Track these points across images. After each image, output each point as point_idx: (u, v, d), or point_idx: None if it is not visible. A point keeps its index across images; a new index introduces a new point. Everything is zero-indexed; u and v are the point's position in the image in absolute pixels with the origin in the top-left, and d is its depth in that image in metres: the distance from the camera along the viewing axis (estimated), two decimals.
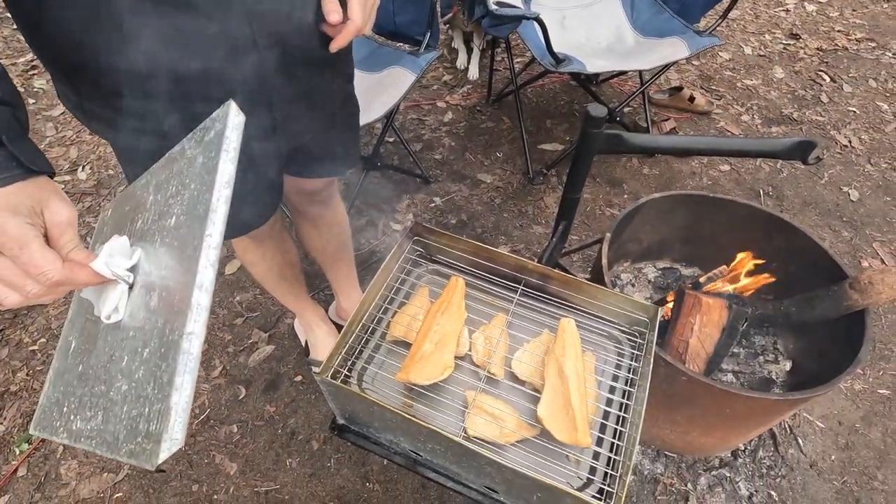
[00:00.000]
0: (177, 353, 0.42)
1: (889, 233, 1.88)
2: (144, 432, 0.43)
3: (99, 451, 0.48)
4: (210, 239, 0.44)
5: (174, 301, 0.45)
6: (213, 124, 0.49)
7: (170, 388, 0.42)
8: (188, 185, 0.49)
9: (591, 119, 0.93)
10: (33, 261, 0.45)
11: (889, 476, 1.31)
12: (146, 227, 0.53)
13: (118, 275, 0.51)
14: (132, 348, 0.49)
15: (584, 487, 0.70)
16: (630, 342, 0.85)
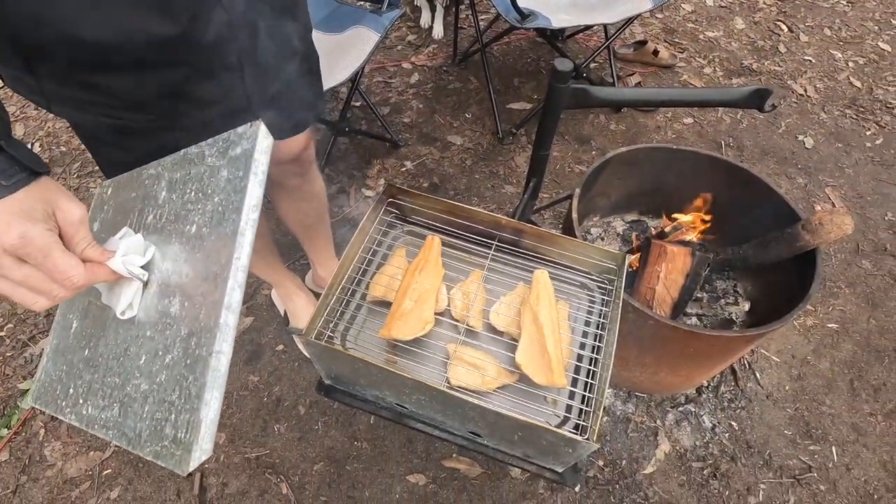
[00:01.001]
0: (206, 368, 0.45)
1: (840, 178, 1.98)
2: (172, 437, 0.46)
3: (117, 442, 0.51)
4: (238, 262, 0.47)
5: (199, 315, 0.48)
6: (240, 140, 0.50)
7: (199, 401, 0.45)
8: (210, 196, 0.51)
9: (558, 73, 0.94)
10: (58, 268, 0.46)
11: (835, 401, 1.44)
12: (159, 224, 0.55)
13: (134, 273, 0.52)
14: (151, 349, 0.51)
15: (562, 424, 0.75)
16: (600, 290, 0.89)
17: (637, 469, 1.31)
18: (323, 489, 1.27)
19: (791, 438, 1.37)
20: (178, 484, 1.27)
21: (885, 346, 1.54)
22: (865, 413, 1.42)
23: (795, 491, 1.29)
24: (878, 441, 1.37)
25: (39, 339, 1.50)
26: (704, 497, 1.27)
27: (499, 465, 1.30)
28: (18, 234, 0.44)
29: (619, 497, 1.26)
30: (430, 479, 1.28)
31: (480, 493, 1.26)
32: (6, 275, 0.45)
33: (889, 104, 2.26)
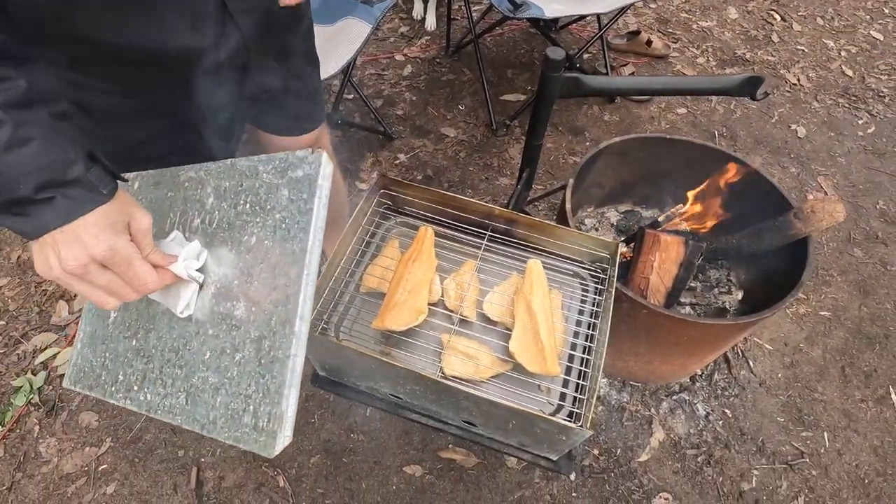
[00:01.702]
0: (283, 369, 0.51)
1: (832, 167, 1.99)
2: (252, 425, 0.52)
3: (188, 426, 0.57)
4: (308, 277, 0.52)
5: (270, 321, 0.53)
6: (301, 164, 0.55)
7: (279, 396, 0.51)
8: (269, 211, 0.56)
9: (551, 62, 0.93)
10: (138, 276, 0.51)
11: (827, 388, 1.45)
12: (209, 229, 0.60)
13: (192, 276, 0.58)
14: (217, 347, 0.57)
15: (556, 412, 0.76)
16: (593, 279, 0.89)
17: (632, 457, 1.32)
18: (320, 481, 1.28)
19: (784, 425, 1.38)
20: (174, 478, 1.27)
21: (876, 333, 1.55)
22: (857, 399, 1.43)
23: (788, 476, 1.30)
24: (868, 426, 1.38)
25: (32, 335, 1.49)
26: (698, 484, 1.28)
27: (494, 455, 1.31)
28: (107, 246, 0.49)
29: (614, 485, 1.27)
30: (426, 469, 1.29)
31: (477, 483, 1.27)
32: (91, 280, 0.50)
33: (881, 93, 2.26)
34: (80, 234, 0.48)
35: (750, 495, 1.27)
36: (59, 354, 1.45)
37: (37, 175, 0.45)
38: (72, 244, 0.48)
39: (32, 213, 0.46)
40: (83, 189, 0.48)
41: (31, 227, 0.47)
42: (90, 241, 0.48)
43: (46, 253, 0.48)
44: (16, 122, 0.44)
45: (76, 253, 0.48)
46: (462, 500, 1.25)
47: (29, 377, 1.41)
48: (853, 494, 1.28)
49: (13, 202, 0.46)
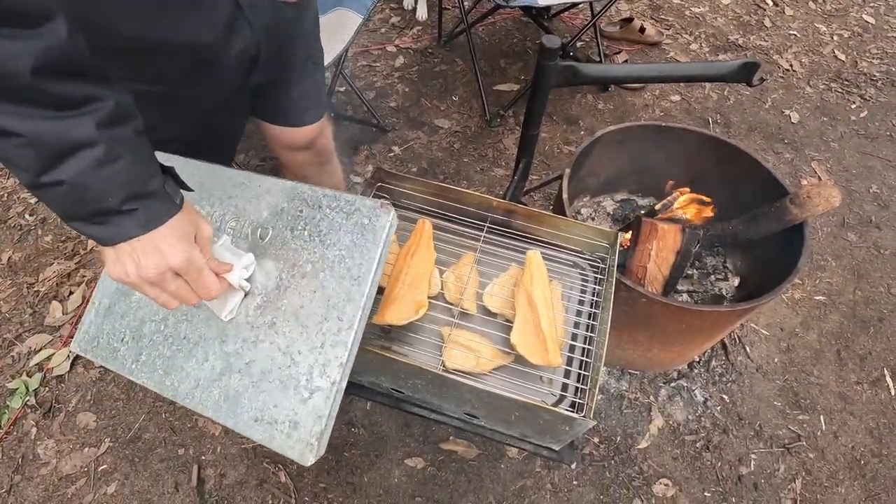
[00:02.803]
0: (327, 398, 0.55)
1: (826, 151, 1.99)
2: (287, 434, 0.56)
3: (221, 422, 0.59)
4: (362, 317, 0.57)
5: (322, 345, 0.57)
6: (369, 212, 0.59)
7: (322, 420, 0.55)
8: (328, 245, 0.60)
9: (546, 51, 0.92)
10: (206, 285, 0.55)
11: (823, 371, 1.47)
12: (261, 243, 0.63)
13: (242, 286, 0.61)
14: (260, 356, 0.59)
15: (558, 403, 0.76)
16: (593, 268, 0.89)
17: (631, 444, 1.33)
18: (322, 476, 1.28)
19: (780, 409, 1.40)
20: (175, 476, 1.27)
21: (870, 316, 1.57)
22: (852, 382, 1.45)
23: (785, 459, 1.32)
24: (864, 408, 1.40)
25: (26, 337, 1.48)
26: (697, 469, 1.30)
27: (496, 446, 1.31)
28: (185, 257, 0.53)
29: (614, 472, 1.28)
30: (428, 461, 1.29)
31: (479, 474, 1.28)
32: (164, 286, 0.53)
33: (873, 77, 2.27)
34: (158, 244, 0.51)
35: (748, 479, 1.29)
36: (55, 356, 1.43)
37: (124, 188, 0.48)
38: (151, 253, 0.51)
39: (114, 222, 0.49)
40: (161, 200, 0.51)
41: (110, 234, 0.50)
42: (168, 251, 0.51)
43: (124, 260, 0.51)
44: (108, 141, 0.46)
45: (156, 261, 0.51)
46: (464, 491, 1.25)
47: (24, 379, 1.40)
48: (849, 476, 1.30)
49: (98, 213, 0.48)
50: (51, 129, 0.44)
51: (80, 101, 0.45)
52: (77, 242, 1.69)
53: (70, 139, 0.45)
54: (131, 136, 0.49)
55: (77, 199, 0.47)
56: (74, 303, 1.54)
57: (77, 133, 0.45)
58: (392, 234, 0.59)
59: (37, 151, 0.44)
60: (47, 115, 0.43)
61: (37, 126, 0.43)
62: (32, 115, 0.43)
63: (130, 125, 0.50)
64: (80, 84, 0.45)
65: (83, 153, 0.45)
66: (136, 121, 0.51)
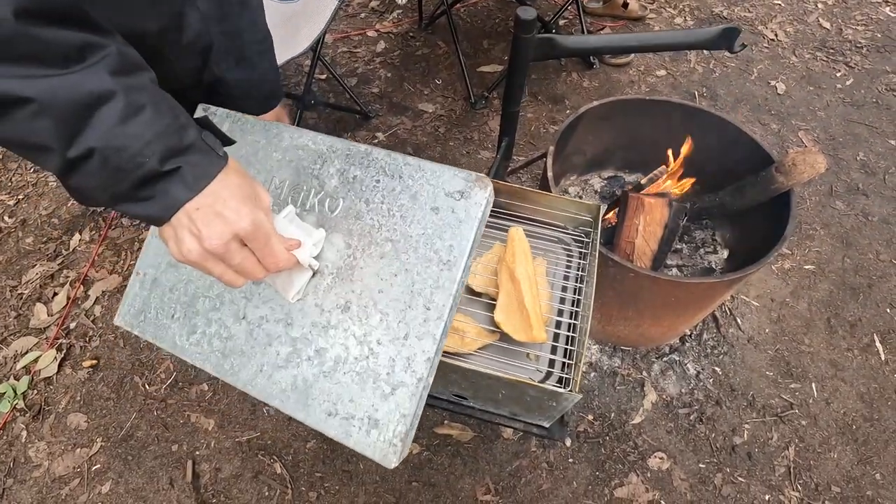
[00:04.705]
0: (414, 395, 0.50)
1: (812, 121, 1.98)
2: (367, 432, 0.51)
3: (288, 412, 0.54)
4: (453, 308, 0.51)
5: (405, 336, 0.52)
6: (463, 186, 0.53)
7: (407, 419, 0.50)
8: (412, 222, 0.53)
9: (522, 23, 0.90)
10: (273, 253, 0.49)
11: (814, 339, 1.47)
12: (331, 215, 0.57)
13: (311, 265, 0.55)
14: (334, 343, 0.54)
15: (545, 379, 0.75)
16: (577, 243, 0.88)
17: (626, 420, 1.33)
18: (317, 465, 1.28)
19: (773, 379, 1.40)
20: (169, 473, 1.26)
21: (859, 283, 1.57)
22: (843, 349, 1.45)
23: (778, 428, 1.32)
24: (854, 374, 1.41)
25: (11, 340, 1.46)
26: (692, 441, 1.30)
27: (490, 428, 1.31)
28: (251, 220, 0.46)
29: (609, 448, 1.29)
30: (423, 446, 1.29)
31: (474, 456, 1.28)
32: (228, 259, 0.47)
33: (858, 44, 2.25)
34: (219, 209, 0.46)
35: (742, 448, 1.29)
36: (42, 358, 1.42)
37: (158, 143, 0.43)
38: (213, 221, 0.45)
39: (161, 190, 0.44)
40: (202, 154, 0.46)
41: (161, 207, 0.45)
42: (232, 215, 0.46)
43: (182, 236, 0.46)
44: (126, 90, 0.42)
45: (220, 230, 0.46)
46: (460, 473, 1.26)
47: (12, 382, 1.38)
48: (842, 441, 1.31)
49: (142, 182, 0.44)
50: (61, 86, 0.40)
51: (81, 50, 0.41)
52: (59, 243, 1.66)
53: (85, 94, 0.41)
54: (149, 86, 0.45)
55: (114, 168, 0.43)
56: (59, 304, 1.52)
57: (91, 85, 0.41)
58: (488, 213, 0.53)
59: (54, 118, 0.40)
60: (53, 72, 0.40)
61: (46, 85, 0.40)
62: (36, 74, 0.39)
63: (145, 74, 0.46)
64: (75, 31, 0.41)
65: (104, 109, 0.42)
66: (149, 71, 0.47)
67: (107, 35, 0.44)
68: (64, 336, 1.47)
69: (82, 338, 1.47)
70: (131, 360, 1.43)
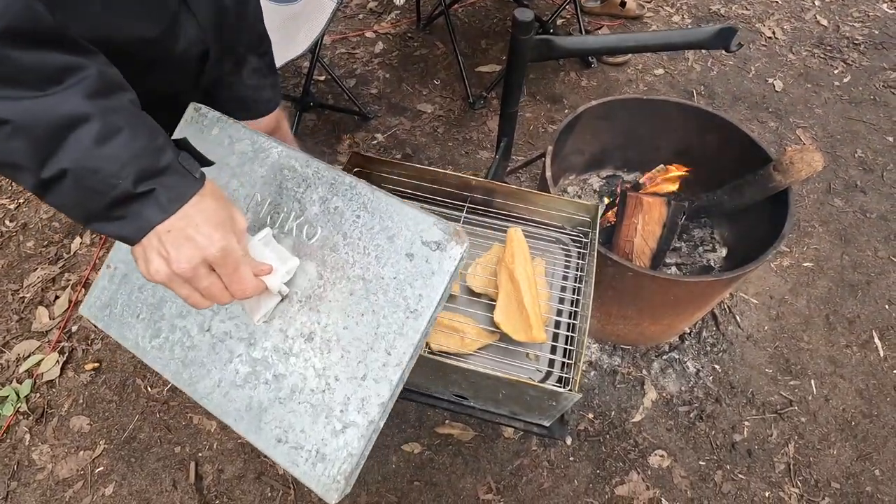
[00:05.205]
0: (363, 436, 0.50)
1: (810, 118, 1.99)
2: (311, 463, 0.51)
3: (241, 432, 0.55)
4: (414, 356, 0.51)
5: (357, 374, 0.51)
6: (439, 237, 0.52)
7: (354, 459, 0.50)
8: (385, 264, 0.53)
9: (520, 24, 0.91)
10: (241, 281, 0.49)
11: (813, 336, 1.48)
12: (307, 242, 0.56)
13: (281, 291, 0.55)
14: (290, 370, 0.54)
15: (545, 379, 0.76)
16: (576, 244, 0.88)
17: (626, 418, 1.34)
18: None
19: (772, 376, 1.41)
20: (172, 474, 1.27)
21: (857, 280, 1.58)
22: (841, 345, 1.46)
23: (778, 425, 1.33)
24: (853, 371, 1.41)
25: (13, 344, 1.46)
26: (692, 439, 1.31)
27: (491, 427, 1.32)
28: (221, 246, 0.47)
29: (609, 447, 1.30)
30: (424, 446, 1.30)
31: (475, 455, 1.28)
32: (195, 283, 0.47)
33: (856, 41, 2.26)
34: (191, 233, 0.46)
35: (742, 446, 1.30)
36: (44, 361, 1.42)
37: (133, 165, 0.43)
38: (183, 245, 0.46)
39: (134, 211, 0.45)
40: (178, 176, 0.46)
41: (133, 227, 0.45)
42: (203, 240, 0.46)
43: (151, 257, 0.46)
44: (102, 113, 0.43)
45: (189, 254, 0.46)
46: (461, 472, 1.26)
47: (14, 386, 1.38)
48: (841, 437, 1.32)
49: (115, 203, 0.44)
50: (37, 108, 0.41)
51: (60, 72, 0.42)
52: (60, 247, 1.66)
53: (60, 116, 0.41)
54: (127, 107, 0.45)
55: (87, 189, 0.43)
56: (61, 307, 1.52)
57: (66, 108, 0.41)
58: (461, 267, 0.52)
59: (28, 138, 0.41)
60: (30, 94, 0.41)
61: (22, 107, 0.40)
62: (13, 96, 0.40)
63: (123, 95, 0.46)
64: (55, 54, 0.42)
65: (79, 132, 0.42)
66: (129, 92, 0.47)
67: (88, 55, 0.45)
68: (66, 339, 1.47)
69: (84, 341, 1.47)
70: (133, 363, 1.44)
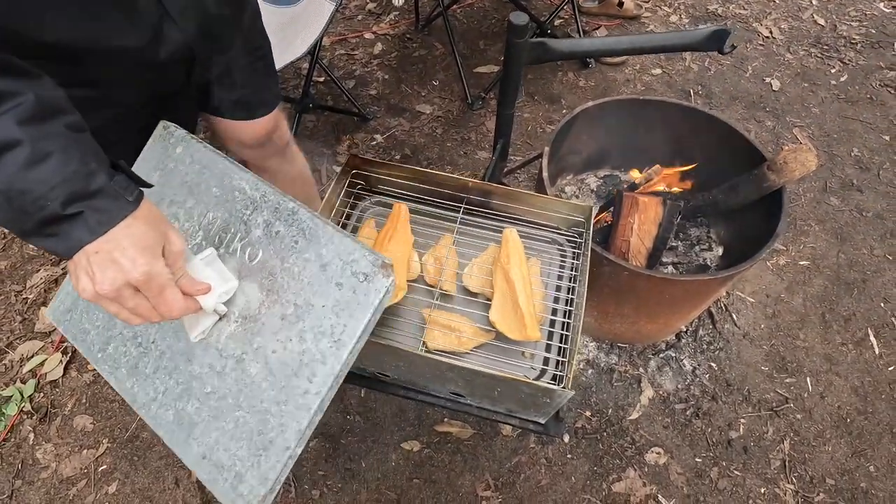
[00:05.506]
0: (279, 458, 0.51)
1: (807, 117, 2.00)
2: (232, 483, 0.52)
3: (169, 444, 0.56)
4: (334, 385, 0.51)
5: (280, 399, 0.52)
6: (367, 269, 0.52)
7: (266, 480, 0.51)
8: (317, 293, 0.53)
9: (515, 28, 0.92)
10: (167, 303, 0.50)
11: (809, 334, 1.49)
12: (249, 264, 0.57)
13: (218, 311, 0.56)
14: (221, 389, 0.55)
15: (540, 377, 0.77)
16: (570, 244, 0.90)
17: (623, 416, 1.35)
18: (320, 464, 1.30)
19: (768, 373, 1.42)
20: (175, 473, 1.28)
21: (853, 278, 1.59)
22: (837, 343, 1.47)
23: (774, 422, 1.34)
24: (849, 368, 1.43)
25: (17, 344, 1.48)
26: (688, 436, 1.32)
27: (489, 425, 1.33)
28: (144, 271, 0.48)
29: (607, 444, 1.31)
30: (424, 444, 1.31)
31: (474, 453, 1.30)
32: (122, 303, 0.49)
33: (853, 40, 2.26)
34: (116, 257, 0.47)
35: (738, 443, 1.31)
36: (47, 361, 1.44)
37: (62, 188, 0.45)
38: (108, 267, 0.47)
39: (64, 231, 0.46)
40: (109, 199, 0.47)
41: (64, 246, 0.47)
42: (127, 264, 0.48)
43: (79, 275, 0.48)
44: (33, 139, 0.44)
45: (112, 276, 0.47)
46: (460, 470, 1.28)
47: (18, 386, 1.40)
48: (836, 434, 1.33)
49: (45, 222, 0.46)
50: None
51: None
52: None
53: None
54: (62, 132, 0.47)
55: (18, 208, 0.45)
56: None
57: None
58: (387, 302, 0.52)
59: None
60: None
61: None
62: None
63: (60, 120, 0.47)
64: None
65: (8, 156, 0.44)
66: (68, 116, 0.48)
67: (30, 80, 0.46)
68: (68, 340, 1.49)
69: None
70: None
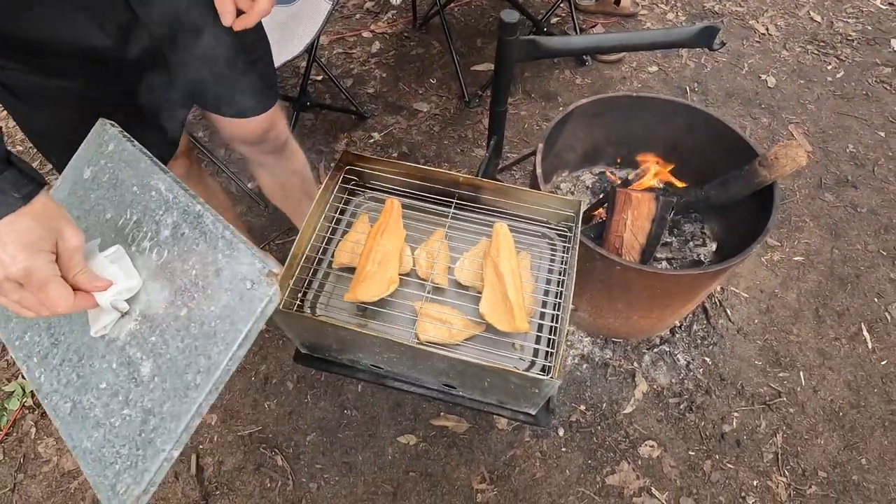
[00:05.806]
0: (155, 458, 0.51)
1: (803, 114, 2.01)
2: (112, 481, 0.52)
3: (63, 436, 0.56)
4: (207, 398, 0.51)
5: (162, 400, 0.52)
6: (253, 277, 0.52)
7: (142, 478, 0.51)
8: (210, 297, 0.53)
9: (506, 26, 0.93)
10: (50, 298, 0.50)
11: (802, 329, 1.50)
12: (155, 263, 0.57)
13: (118, 308, 0.56)
14: (113, 386, 0.55)
15: (530, 368, 0.79)
16: (561, 238, 0.91)
17: (617, 410, 1.36)
18: (318, 458, 1.31)
19: (761, 368, 1.43)
20: (174, 466, 1.30)
21: (847, 274, 1.60)
22: (830, 338, 1.48)
23: (767, 416, 1.36)
24: (842, 363, 1.44)
25: None
26: (682, 429, 1.34)
27: (485, 419, 1.35)
28: (23, 267, 0.48)
29: (601, 437, 1.32)
30: (420, 438, 1.33)
31: (469, 447, 1.31)
32: (6, 295, 0.50)
33: (849, 37, 2.27)
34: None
35: (731, 436, 1.33)
36: None
37: None
38: None
39: None
40: None
41: None
42: (7, 259, 0.48)
43: None
44: None
45: None
46: (456, 463, 1.29)
47: (20, 381, 1.42)
48: (829, 427, 1.34)
49: None
50: None
51: None
52: None
53: None
54: None
55: None
56: None
57: None
58: (270, 312, 0.52)
59: None
60: None
61: None
62: None
63: None
64: None
65: None
66: None
67: None
68: None
69: None
70: None
